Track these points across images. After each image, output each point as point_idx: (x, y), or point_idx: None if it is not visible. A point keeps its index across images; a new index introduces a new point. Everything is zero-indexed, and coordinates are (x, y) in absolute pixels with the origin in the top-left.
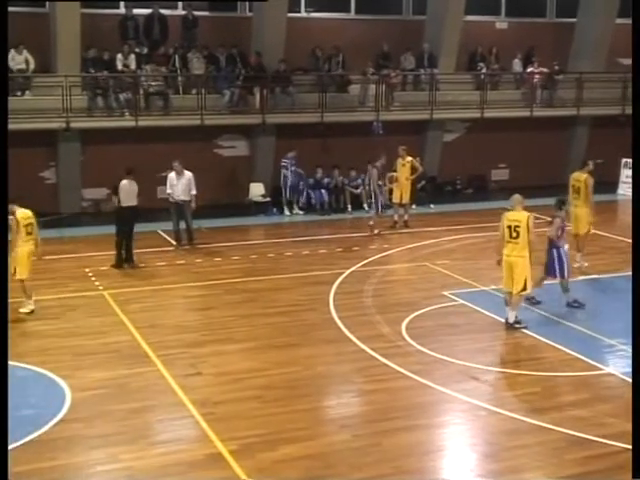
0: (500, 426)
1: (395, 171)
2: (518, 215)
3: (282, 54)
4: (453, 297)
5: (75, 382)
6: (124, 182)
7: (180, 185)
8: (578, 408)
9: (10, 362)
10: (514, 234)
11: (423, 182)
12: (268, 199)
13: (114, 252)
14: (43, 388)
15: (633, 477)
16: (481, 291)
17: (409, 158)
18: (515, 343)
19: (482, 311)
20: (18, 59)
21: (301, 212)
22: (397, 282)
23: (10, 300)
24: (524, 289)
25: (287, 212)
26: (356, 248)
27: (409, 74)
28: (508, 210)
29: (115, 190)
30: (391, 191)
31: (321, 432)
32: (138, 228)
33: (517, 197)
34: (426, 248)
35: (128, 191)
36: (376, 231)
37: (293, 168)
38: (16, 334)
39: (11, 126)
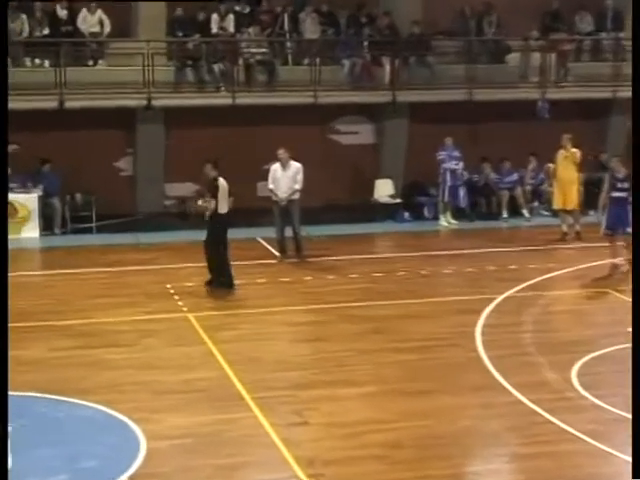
0: None
1: (554, 163)
2: None
3: (419, 14)
4: None
5: (151, 428)
6: (222, 180)
7: (285, 180)
8: None
9: (71, 399)
10: None
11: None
12: (398, 200)
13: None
14: (111, 434)
15: (633, 477)
16: None
17: (574, 150)
18: None
19: None
20: (90, 20)
21: (455, 222)
22: (567, 313)
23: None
24: None
25: (443, 222)
26: (513, 267)
27: (586, 39)
28: None
29: (215, 190)
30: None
31: None
32: (231, 234)
33: None
34: (606, 269)
35: (225, 192)
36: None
37: (454, 163)
38: (79, 363)
39: (79, 103)
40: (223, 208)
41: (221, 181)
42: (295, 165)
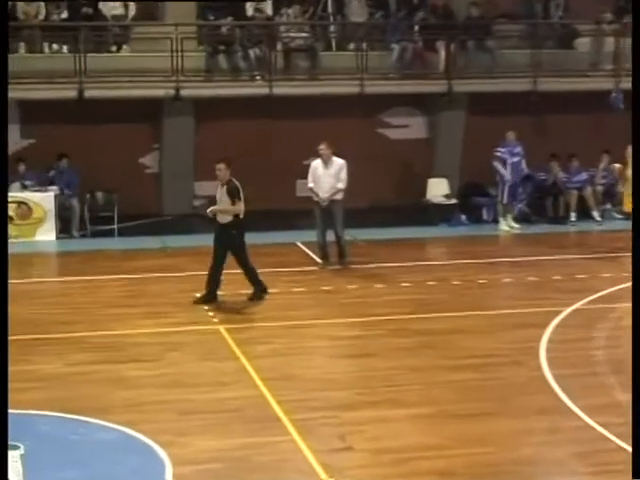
0: None
1: (624, 163)
2: None
3: None
4: None
5: (178, 452)
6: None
7: (327, 178)
8: None
9: (89, 419)
10: None
11: None
12: (454, 201)
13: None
14: (132, 458)
15: (633, 477)
16: None
17: None
18: None
19: None
20: (113, 2)
21: (517, 226)
22: None
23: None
24: None
25: (503, 225)
26: (582, 276)
27: None
28: None
29: (237, 192)
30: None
31: None
32: (268, 238)
33: None
34: None
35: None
36: None
37: (516, 160)
38: (98, 380)
39: (100, 93)
40: (241, 212)
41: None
42: (338, 162)
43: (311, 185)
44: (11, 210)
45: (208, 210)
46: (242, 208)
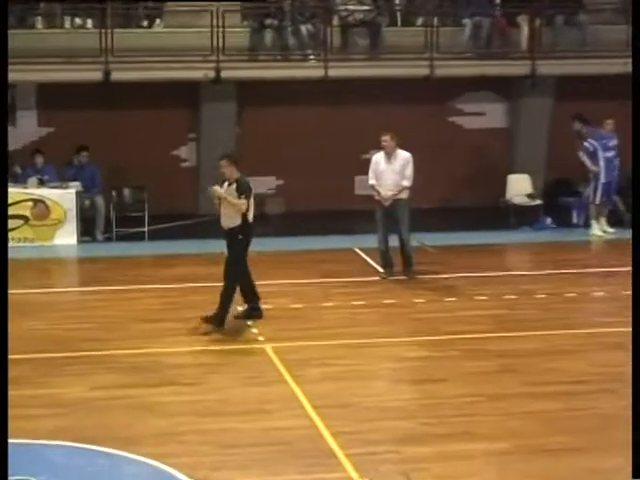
0: None
1: None
2: None
3: None
4: None
5: None
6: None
7: (391, 174)
8: None
9: (116, 451)
10: None
11: None
12: (538, 202)
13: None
14: None
15: (633, 477)
16: None
17: None
18: None
19: None
20: None
21: (611, 230)
22: None
23: None
24: None
25: (596, 230)
26: None
27: None
28: None
29: (248, 190)
30: None
31: None
32: (322, 243)
33: None
34: None
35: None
36: None
37: (610, 155)
38: (127, 406)
39: (129, 75)
40: (250, 216)
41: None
42: (403, 155)
43: (372, 182)
44: (26, 209)
45: (210, 188)
46: (250, 208)
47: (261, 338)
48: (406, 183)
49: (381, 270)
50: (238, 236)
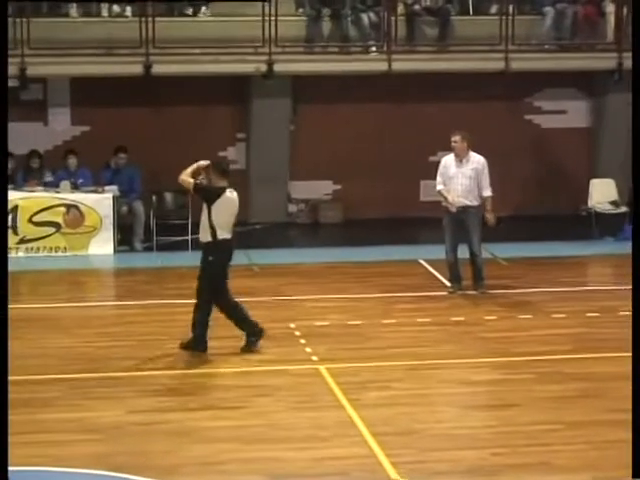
0: None
1: None
2: None
3: None
4: None
5: None
6: (233, 194)
7: (462, 178)
8: None
9: None
10: None
11: None
12: (623, 209)
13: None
14: None
15: (633, 477)
16: None
17: None
18: None
19: None
20: None
21: None
22: None
23: None
24: None
25: None
26: None
27: None
28: None
29: (213, 196)
30: None
31: None
32: (384, 254)
33: None
34: None
35: (229, 209)
36: None
37: None
38: (166, 432)
39: (171, 68)
40: (225, 231)
41: (230, 195)
42: (476, 158)
43: (440, 187)
44: (59, 216)
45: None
46: (224, 226)
47: (315, 358)
48: (488, 193)
49: (448, 284)
50: (209, 257)
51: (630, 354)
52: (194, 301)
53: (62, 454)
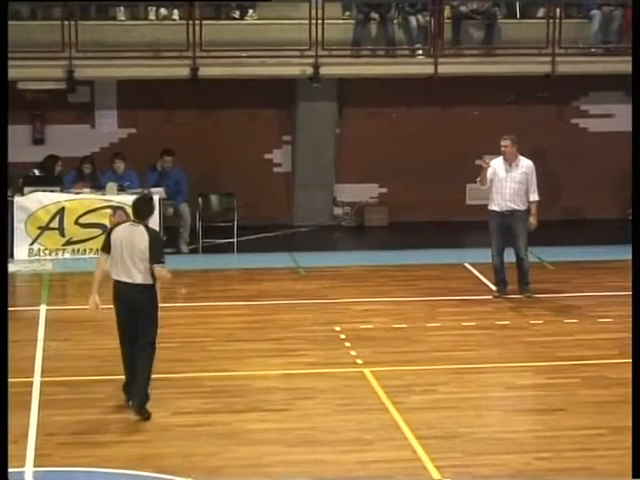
0: None
1: None
2: None
3: None
4: None
5: None
6: (121, 227)
7: (511, 182)
8: None
9: None
10: None
11: None
12: None
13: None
14: None
15: (633, 477)
16: None
17: None
18: None
19: None
20: None
21: None
22: None
23: None
24: None
25: None
26: None
27: None
28: None
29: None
30: None
31: None
32: (430, 257)
33: None
34: None
35: (125, 245)
36: None
37: None
38: (210, 434)
39: (218, 70)
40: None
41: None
42: (525, 163)
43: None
44: (105, 218)
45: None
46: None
47: (359, 361)
48: (535, 197)
49: (494, 288)
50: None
51: None
52: (239, 303)
53: (108, 455)
